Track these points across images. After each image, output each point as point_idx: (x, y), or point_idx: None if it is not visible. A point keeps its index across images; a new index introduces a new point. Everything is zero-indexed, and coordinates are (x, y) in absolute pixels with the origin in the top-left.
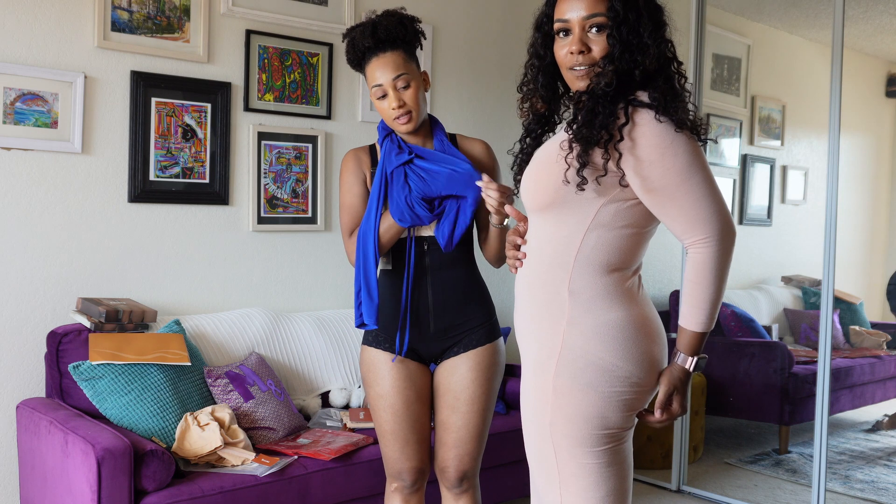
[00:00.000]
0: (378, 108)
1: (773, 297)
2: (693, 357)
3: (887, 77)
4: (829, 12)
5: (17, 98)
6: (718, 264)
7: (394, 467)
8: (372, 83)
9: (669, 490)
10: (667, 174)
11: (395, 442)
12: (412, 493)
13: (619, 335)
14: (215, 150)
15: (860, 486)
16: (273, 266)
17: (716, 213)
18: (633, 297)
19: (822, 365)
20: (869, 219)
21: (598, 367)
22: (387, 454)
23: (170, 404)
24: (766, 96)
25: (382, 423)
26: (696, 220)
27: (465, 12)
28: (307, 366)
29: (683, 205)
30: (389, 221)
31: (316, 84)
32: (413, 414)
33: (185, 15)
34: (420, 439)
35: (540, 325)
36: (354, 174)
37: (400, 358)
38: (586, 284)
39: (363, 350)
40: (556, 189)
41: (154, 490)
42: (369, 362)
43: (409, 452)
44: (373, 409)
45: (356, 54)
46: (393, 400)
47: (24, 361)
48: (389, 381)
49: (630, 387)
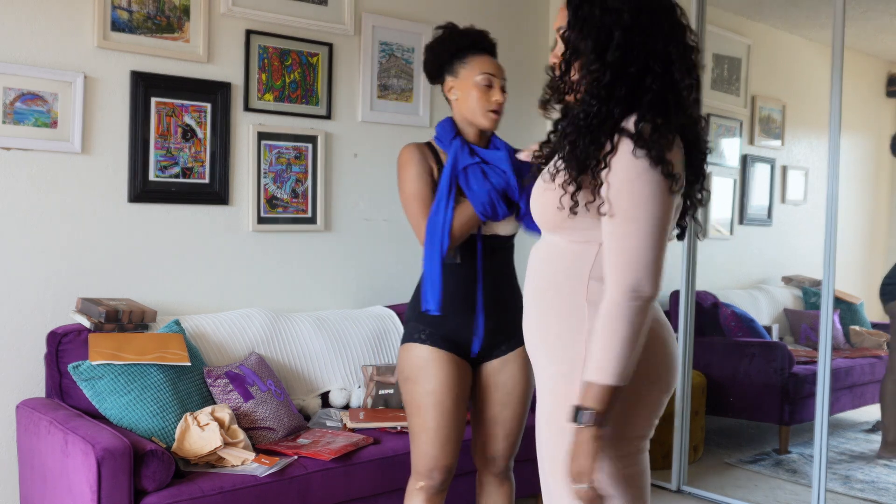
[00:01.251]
0: (469, 96)
1: (774, 297)
2: (595, 411)
3: (887, 77)
4: (829, 12)
5: (17, 98)
6: (612, 317)
7: (427, 465)
8: (483, 70)
9: (669, 490)
10: (619, 205)
11: (437, 439)
12: (438, 492)
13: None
14: (215, 150)
15: (860, 486)
16: (273, 266)
17: (636, 267)
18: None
19: (823, 365)
20: (869, 219)
21: None
22: (424, 451)
23: (170, 404)
24: (766, 96)
25: (427, 420)
26: (617, 264)
27: (465, 12)
28: (307, 366)
29: (619, 243)
30: (469, 214)
31: (316, 84)
32: (459, 413)
33: (185, 15)
34: (459, 437)
35: (559, 335)
36: (421, 165)
37: (452, 356)
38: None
39: (409, 347)
40: (557, 213)
41: (154, 490)
42: (419, 359)
43: (448, 450)
44: (417, 406)
45: (464, 42)
46: (443, 397)
47: (24, 361)
48: (441, 379)
49: (650, 386)
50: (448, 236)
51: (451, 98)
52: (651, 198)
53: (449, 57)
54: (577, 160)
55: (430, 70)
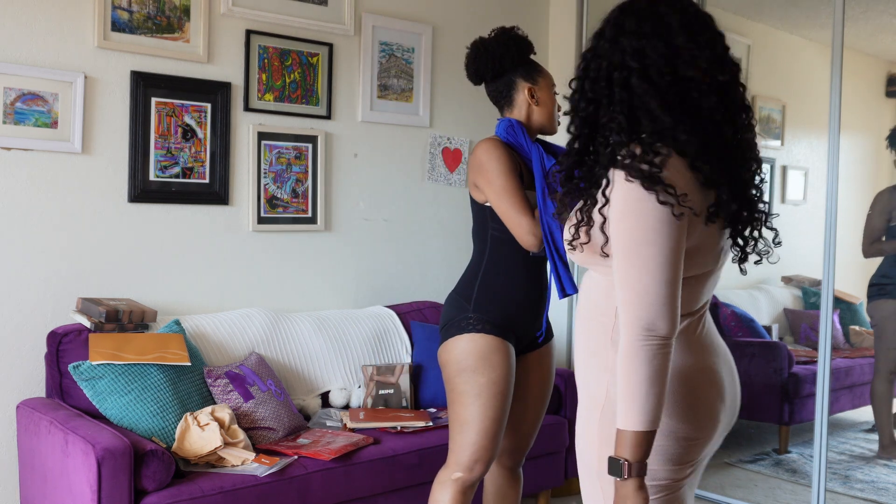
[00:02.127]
0: (547, 101)
1: (773, 297)
2: (626, 462)
3: (887, 77)
4: (829, 12)
5: (17, 98)
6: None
7: (473, 456)
8: (553, 82)
9: None
10: (619, 238)
11: (493, 429)
12: (471, 486)
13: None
14: (215, 150)
15: (860, 486)
16: (273, 266)
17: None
18: (682, 346)
19: (822, 365)
20: None
21: None
22: (473, 442)
23: (170, 404)
24: (766, 96)
25: (487, 409)
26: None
27: (465, 12)
28: (307, 366)
29: (626, 281)
30: None
31: (316, 84)
32: (511, 403)
33: (185, 15)
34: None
35: (587, 370)
36: (511, 161)
37: (512, 349)
38: None
39: (472, 338)
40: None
41: (154, 490)
42: (484, 348)
43: (496, 442)
44: (476, 396)
45: (529, 49)
46: (505, 387)
47: (24, 361)
48: (506, 370)
49: (676, 441)
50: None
51: (530, 102)
52: (653, 229)
53: (521, 60)
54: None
55: (489, 69)
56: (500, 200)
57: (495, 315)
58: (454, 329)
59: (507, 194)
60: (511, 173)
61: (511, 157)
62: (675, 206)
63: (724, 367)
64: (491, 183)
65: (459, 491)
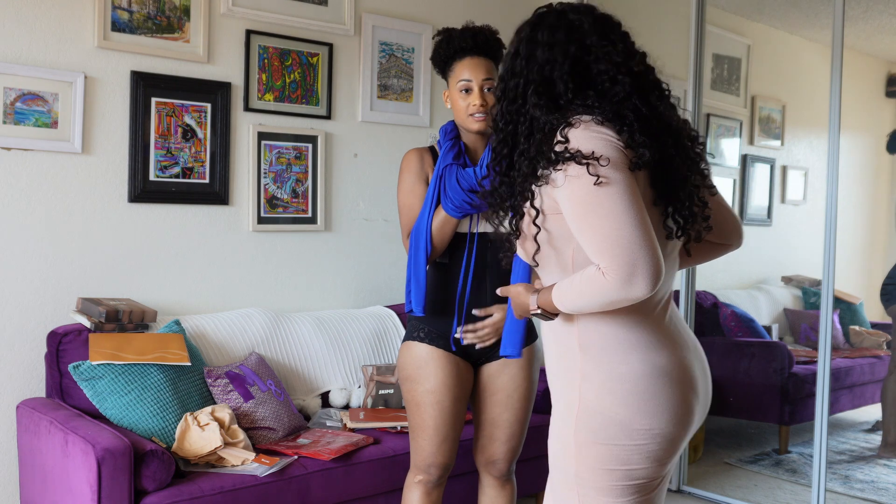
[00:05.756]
0: (455, 103)
1: (773, 297)
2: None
3: (887, 77)
4: (829, 12)
5: (17, 98)
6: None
7: (425, 461)
8: (460, 77)
9: (669, 490)
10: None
11: (436, 437)
12: (435, 486)
13: (634, 389)
14: (215, 150)
15: (860, 486)
16: (273, 266)
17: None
18: (652, 340)
19: (822, 365)
20: (869, 219)
21: (616, 423)
22: (422, 447)
23: (170, 404)
24: (766, 96)
25: (427, 418)
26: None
27: (465, 12)
28: (307, 366)
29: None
30: (443, 215)
31: (316, 84)
32: (458, 412)
33: (185, 15)
34: (457, 437)
35: (557, 376)
36: (417, 174)
37: (451, 356)
38: (595, 336)
39: (410, 346)
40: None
41: (154, 490)
42: (418, 358)
43: (444, 449)
44: (417, 405)
45: (450, 50)
46: (442, 397)
47: (24, 361)
48: (441, 378)
49: (652, 439)
50: (429, 240)
51: (449, 104)
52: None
53: (442, 66)
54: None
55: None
56: (399, 214)
57: (431, 322)
58: (404, 337)
59: (401, 209)
60: (410, 190)
61: (419, 171)
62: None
63: (696, 361)
64: (397, 197)
65: (424, 493)
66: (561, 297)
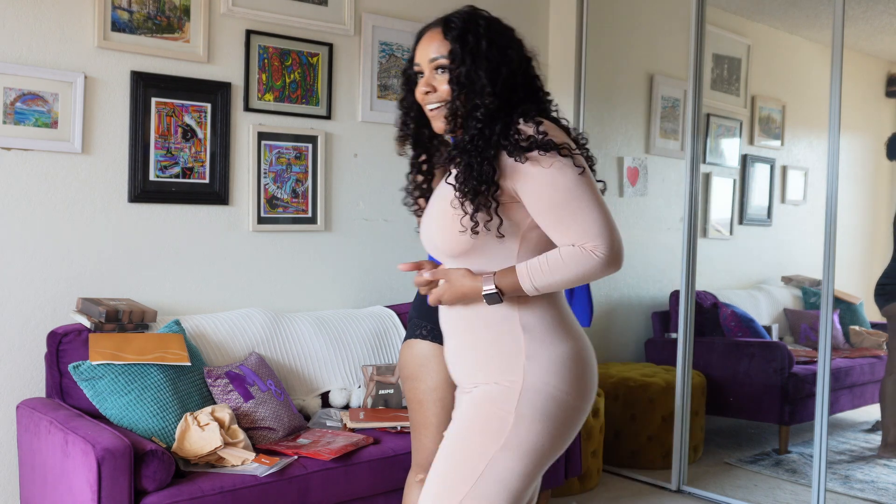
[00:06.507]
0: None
1: (773, 297)
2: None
3: (887, 77)
4: (829, 12)
5: (17, 98)
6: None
7: (427, 459)
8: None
9: (669, 490)
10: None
11: (438, 435)
12: None
13: (572, 367)
14: (215, 150)
15: (860, 486)
16: (273, 266)
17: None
18: (572, 322)
19: (822, 365)
20: (869, 219)
21: (555, 400)
22: (424, 446)
23: (170, 404)
24: (766, 96)
25: (429, 416)
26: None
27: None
28: (307, 366)
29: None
30: None
31: (316, 84)
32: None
33: (185, 15)
34: None
35: (490, 360)
36: None
37: None
38: (536, 319)
39: (412, 344)
40: (464, 237)
41: (154, 490)
42: (420, 355)
43: None
44: (419, 402)
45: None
46: (444, 393)
47: (24, 361)
48: (444, 376)
49: (582, 416)
50: None
51: None
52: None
53: None
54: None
55: None
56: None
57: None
58: (406, 335)
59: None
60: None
61: None
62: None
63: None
64: None
65: None
66: (531, 276)
